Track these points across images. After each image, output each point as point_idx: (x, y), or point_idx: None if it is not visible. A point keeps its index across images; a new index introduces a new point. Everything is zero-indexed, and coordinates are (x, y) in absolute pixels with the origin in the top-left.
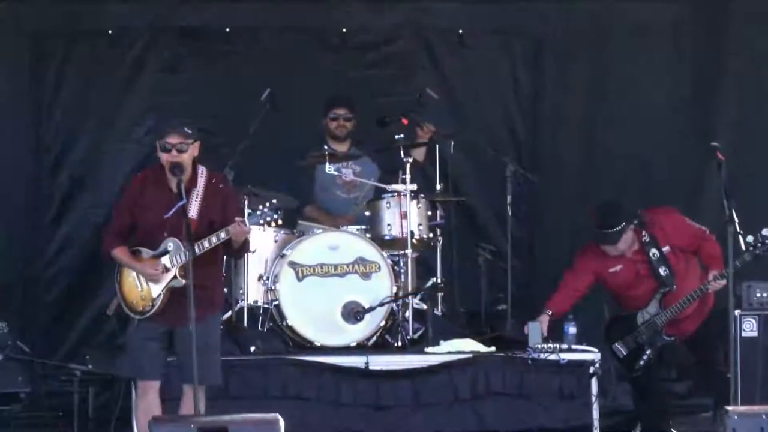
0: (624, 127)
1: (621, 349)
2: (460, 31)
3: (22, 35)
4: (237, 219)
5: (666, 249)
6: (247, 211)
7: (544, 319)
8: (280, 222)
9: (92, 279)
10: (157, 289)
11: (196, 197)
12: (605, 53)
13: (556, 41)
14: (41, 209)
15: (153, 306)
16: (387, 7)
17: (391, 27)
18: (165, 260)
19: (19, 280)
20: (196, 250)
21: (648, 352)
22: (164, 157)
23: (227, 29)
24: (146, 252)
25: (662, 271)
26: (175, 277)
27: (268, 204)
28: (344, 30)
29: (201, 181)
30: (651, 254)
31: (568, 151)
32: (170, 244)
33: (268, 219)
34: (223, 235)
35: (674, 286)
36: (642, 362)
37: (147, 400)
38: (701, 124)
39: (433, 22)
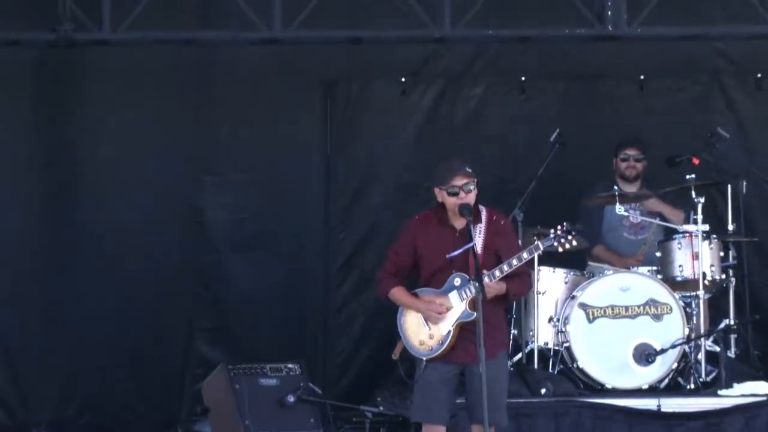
0: None
1: None
2: (759, 75)
3: (315, 82)
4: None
5: None
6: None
7: None
8: (574, 243)
9: (382, 323)
10: (446, 326)
11: (479, 233)
12: None
13: None
14: (332, 257)
15: (443, 344)
16: (684, 52)
17: (688, 70)
18: (452, 296)
19: (312, 324)
20: (487, 280)
21: None
22: (452, 201)
23: (522, 78)
24: (431, 291)
25: None
26: (465, 311)
27: (560, 226)
28: (642, 77)
29: (483, 217)
30: None
31: None
32: (457, 279)
33: (563, 241)
34: (515, 261)
35: None
36: None
37: None
38: None
39: (728, 66)
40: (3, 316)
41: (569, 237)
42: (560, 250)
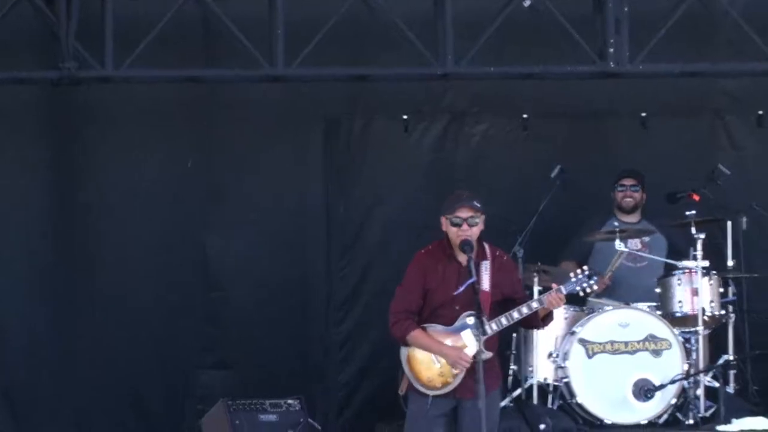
0: None
1: None
2: (760, 112)
3: (317, 119)
4: (554, 287)
5: None
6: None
7: None
8: (595, 287)
9: (383, 359)
10: None
11: (486, 271)
12: None
13: None
14: (334, 293)
15: (454, 380)
16: (686, 89)
17: (690, 107)
18: (465, 335)
19: (314, 359)
20: (504, 321)
21: None
22: (454, 232)
23: (525, 115)
24: (440, 328)
25: None
26: (480, 351)
27: (579, 271)
28: (644, 114)
29: (488, 254)
30: None
31: None
32: (470, 318)
33: (585, 285)
34: (535, 305)
35: None
36: None
37: None
38: None
39: (730, 103)
40: (7, 355)
41: (591, 282)
42: (581, 294)
